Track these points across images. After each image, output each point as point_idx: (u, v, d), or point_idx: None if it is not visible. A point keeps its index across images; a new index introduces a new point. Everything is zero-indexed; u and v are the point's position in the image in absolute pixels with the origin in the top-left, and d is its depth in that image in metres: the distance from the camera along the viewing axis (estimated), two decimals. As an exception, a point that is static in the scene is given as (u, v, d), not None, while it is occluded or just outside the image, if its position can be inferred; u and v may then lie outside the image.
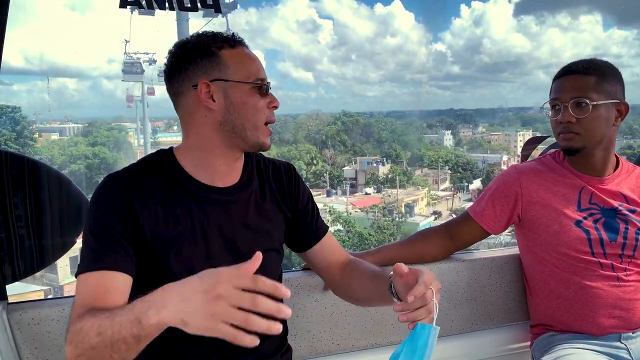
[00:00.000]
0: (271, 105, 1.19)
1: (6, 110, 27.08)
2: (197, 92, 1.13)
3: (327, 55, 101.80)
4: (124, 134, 31.18)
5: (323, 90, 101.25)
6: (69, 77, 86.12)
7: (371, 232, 21.26)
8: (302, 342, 1.61)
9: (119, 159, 27.97)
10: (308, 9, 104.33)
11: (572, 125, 1.52)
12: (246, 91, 1.15)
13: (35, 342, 1.39)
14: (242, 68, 1.16)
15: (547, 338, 1.64)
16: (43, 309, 1.40)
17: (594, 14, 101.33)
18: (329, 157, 31.64)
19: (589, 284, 1.55)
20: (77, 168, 25.89)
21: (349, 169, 30.53)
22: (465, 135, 37.77)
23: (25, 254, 1.62)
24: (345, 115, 36.56)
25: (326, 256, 1.38)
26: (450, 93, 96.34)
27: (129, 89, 29.80)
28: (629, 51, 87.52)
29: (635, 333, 1.56)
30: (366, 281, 1.30)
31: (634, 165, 1.69)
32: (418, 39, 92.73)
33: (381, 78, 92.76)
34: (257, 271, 1.21)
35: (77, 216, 1.71)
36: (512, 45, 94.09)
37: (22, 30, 57.30)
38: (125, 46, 28.74)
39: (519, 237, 1.73)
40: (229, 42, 1.17)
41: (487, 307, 1.82)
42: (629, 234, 1.56)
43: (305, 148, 30.62)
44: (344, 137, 33.32)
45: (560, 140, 1.58)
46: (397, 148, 32.26)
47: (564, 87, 1.55)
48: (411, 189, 27.99)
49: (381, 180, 28.54)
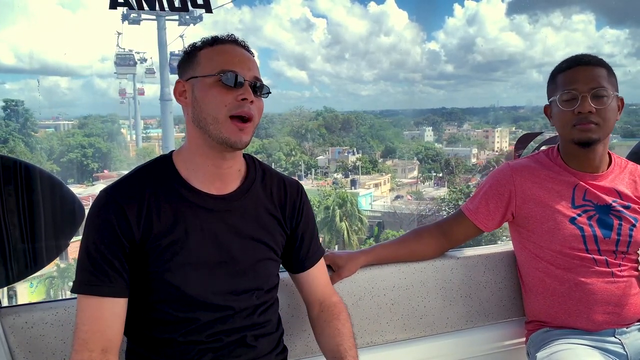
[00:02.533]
0: (240, 97, 1.13)
1: (11, 104, 29.67)
2: (174, 91, 1.19)
3: (321, 54, 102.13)
4: (117, 126, 33.50)
5: (317, 89, 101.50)
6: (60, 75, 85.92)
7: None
8: (297, 342, 1.61)
9: (112, 149, 30.51)
10: (302, 8, 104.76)
11: (592, 115, 1.50)
12: (208, 84, 1.14)
13: (29, 345, 1.38)
14: (209, 63, 1.15)
15: (542, 334, 1.64)
16: (36, 313, 1.39)
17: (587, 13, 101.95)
18: (308, 149, 34.67)
19: (584, 280, 1.55)
20: (75, 156, 28.37)
21: (323, 158, 33.98)
22: (450, 132, 40.81)
23: (19, 257, 1.62)
24: (327, 111, 39.89)
25: (311, 285, 1.39)
26: (444, 92, 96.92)
27: (122, 84, 32.70)
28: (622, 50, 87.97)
29: (629, 328, 1.56)
30: (327, 347, 1.33)
31: (626, 160, 1.69)
32: (412, 38, 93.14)
33: (375, 77, 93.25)
34: (251, 280, 1.23)
35: (70, 219, 1.70)
36: (505, 44, 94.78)
37: (13, 29, 57.12)
38: (118, 38, 30.12)
39: (513, 234, 1.73)
40: (209, 42, 1.18)
41: (482, 304, 1.82)
42: (622, 230, 1.56)
43: (285, 140, 33.65)
44: (323, 130, 36.54)
45: (576, 132, 1.53)
46: (371, 141, 35.82)
47: (581, 77, 1.51)
48: (375, 175, 31.61)
49: (349, 168, 32.16)
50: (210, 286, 1.17)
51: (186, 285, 1.15)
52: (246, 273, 1.22)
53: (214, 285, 1.18)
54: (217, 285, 1.18)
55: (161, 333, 1.17)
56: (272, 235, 1.27)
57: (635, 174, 1.66)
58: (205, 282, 1.17)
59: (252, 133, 1.18)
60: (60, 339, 1.39)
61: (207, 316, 1.18)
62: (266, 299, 1.28)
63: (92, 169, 29.11)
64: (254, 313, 1.24)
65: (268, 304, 1.29)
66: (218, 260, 1.18)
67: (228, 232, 1.19)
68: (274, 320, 1.31)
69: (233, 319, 1.21)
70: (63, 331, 1.39)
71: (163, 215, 1.15)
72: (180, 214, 1.16)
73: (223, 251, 1.19)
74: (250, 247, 1.23)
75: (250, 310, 1.23)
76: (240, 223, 1.22)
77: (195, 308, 1.17)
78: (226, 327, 1.20)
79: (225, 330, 1.20)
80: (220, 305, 1.19)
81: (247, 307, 1.22)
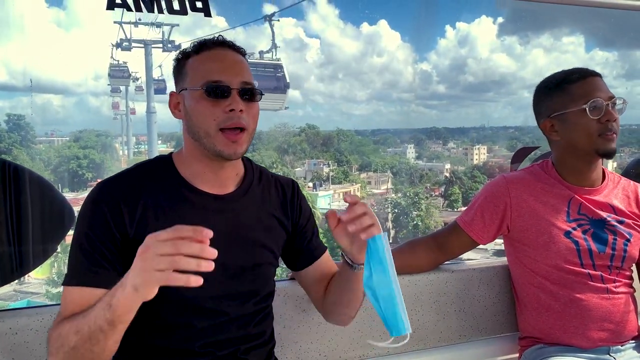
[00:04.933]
0: (228, 108, 1.11)
1: (13, 118, 33.68)
2: (169, 104, 1.18)
3: (314, 73, 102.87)
4: (110, 139, 37.38)
5: (310, 108, 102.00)
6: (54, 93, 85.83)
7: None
8: (288, 354, 1.58)
9: (105, 160, 33.85)
10: (295, 28, 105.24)
11: (615, 124, 1.51)
12: (196, 97, 1.12)
13: (13, 352, 1.34)
14: (195, 74, 1.14)
15: (535, 350, 1.62)
16: (21, 318, 1.35)
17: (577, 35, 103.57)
18: (288, 162, 38.50)
19: (579, 297, 1.54)
20: (71, 166, 31.60)
21: (300, 169, 37.85)
22: (435, 149, 45.36)
23: (4, 261, 1.58)
24: (309, 127, 44.28)
25: (319, 280, 1.36)
26: (436, 112, 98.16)
27: (114, 100, 36.25)
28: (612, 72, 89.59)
29: (624, 346, 1.55)
30: (334, 282, 1.30)
31: (619, 176, 1.70)
32: (404, 58, 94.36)
33: (368, 97, 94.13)
34: (248, 283, 1.20)
35: (59, 223, 1.67)
36: (496, 65, 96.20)
37: (7, 46, 57.31)
38: (112, 51, 31.99)
39: (507, 247, 1.72)
40: (196, 49, 1.16)
41: (476, 318, 1.81)
42: (617, 245, 1.56)
43: (268, 154, 36.95)
44: (304, 146, 40.63)
45: (601, 142, 1.51)
46: (349, 156, 40.29)
47: (600, 87, 1.52)
48: (346, 185, 35.47)
49: (323, 178, 36.54)
50: (205, 289, 1.14)
51: (179, 286, 1.11)
52: (243, 276, 1.19)
53: (210, 287, 1.15)
54: (213, 288, 1.15)
55: (153, 339, 1.14)
56: (271, 237, 1.26)
57: (628, 189, 1.66)
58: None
59: (247, 142, 1.15)
60: (45, 346, 1.35)
61: (201, 322, 1.15)
62: (262, 306, 1.25)
63: (87, 178, 31.49)
64: (249, 324, 1.21)
65: (264, 313, 1.26)
66: (214, 261, 1.16)
67: (226, 234, 1.17)
68: (267, 332, 1.29)
69: (228, 328, 1.18)
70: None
71: (160, 213, 1.12)
72: (178, 213, 1.14)
73: (220, 253, 1.16)
74: (248, 249, 1.21)
75: (247, 319, 1.21)
76: (238, 224, 1.20)
77: (190, 313, 1.14)
78: (220, 337, 1.17)
79: (218, 342, 1.17)
80: (214, 310, 1.16)
81: (242, 314, 1.20)
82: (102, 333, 0.95)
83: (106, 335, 0.95)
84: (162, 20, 28.71)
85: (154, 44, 29.53)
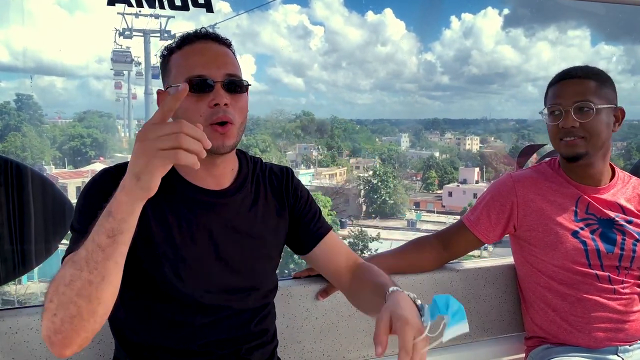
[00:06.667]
0: (212, 102, 1.08)
1: (22, 97, 35.12)
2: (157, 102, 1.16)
3: (318, 61, 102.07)
4: (113, 120, 39.47)
5: (313, 97, 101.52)
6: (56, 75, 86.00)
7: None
8: (291, 354, 1.57)
9: (107, 139, 36.40)
10: (299, 15, 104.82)
11: (576, 129, 1.49)
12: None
13: (13, 352, 1.33)
14: (178, 70, 1.12)
15: (542, 351, 1.60)
16: (21, 317, 1.34)
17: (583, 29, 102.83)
18: (282, 146, 40.30)
19: (586, 297, 1.52)
20: (75, 144, 33.78)
21: (292, 153, 39.89)
22: (432, 139, 47.34)
23: (7, 259, 1.58)
24: (305, 114, 46.17)
25: (330, 258, 1.32)
26: (439, 103, 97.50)
27: (116, 84, 37.36)
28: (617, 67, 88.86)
29: (632, 346, 1.53)
30: (368, 293, 1.20)
31: (630, 175, 1.67)
32: (409, 48, 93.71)
33: (371, 86, 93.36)
34: (248, 278, 1.18)
35: (61, 220, 1.67)
36: (501, 58, 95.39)
37: (8, 27, 57.46)
38: (115, 36, 33.03)
39: (514, 247, 1.70)
40: (178, 44, 1.14)
41: (482, 318, 1.79)
42: (626, 245, 1.53)
43: (262, 138, 37.93)
44: (298, 132, 42.11)
45: (563, 147, 1.54)
46: (340, 142, 42.36)
47: (566, 92, 1.52)
48: (333, 167, 37.93)
49: (312, 161, 38.98)
50: (204, 284, 1.13)
51: (178, 281, 1.10)
52: (242, 271, 1.18)
53: (208, 282, 1.14)
54: (211, 282, 1.13)
55: (153, 339, 1.13)
56: (270, 228, 1.24)
57: (639, 189, 1.63)
58: (199, 278, 1.12)
59: (236, 134, 1.13)
60: (45, 345, 1.35)
61: (201, 320, 1.13)
62: (264, 303, 1.24)
63: (90, 156, 33.63)
64: (250, 321, 1.20)
65: (265, 310, 1.24)
66: (212, 256, 1.14)
67: (223, 228, 1.16)
68: (270, 330, 1.27)
69: (229, 326, 1.16)
70: None
71: (157, 208, 1.11)
72: (174, 208, 1.12)
73: (217, 246, 1.15)
74: (247, 243, 1.19)
75: (248, 315, 1.19)
76: (235, 218, 1.18)
77: (189, 310, 1.12)
78: (221, 335, 1.15)
79: (219, 341, 1.15)
80: (214, 306, 1.14)
81: (243, 309, 1.18)
82: (101, 251, 0.87)
83: (105, 255, 0.87)
84: (161, 11, 30.05)
85: (152, 33, 31.12)
